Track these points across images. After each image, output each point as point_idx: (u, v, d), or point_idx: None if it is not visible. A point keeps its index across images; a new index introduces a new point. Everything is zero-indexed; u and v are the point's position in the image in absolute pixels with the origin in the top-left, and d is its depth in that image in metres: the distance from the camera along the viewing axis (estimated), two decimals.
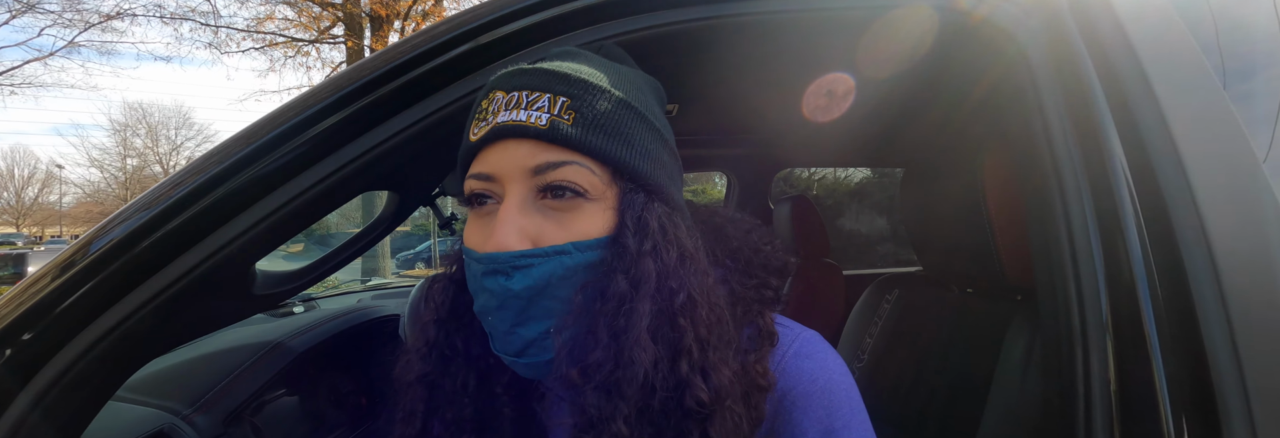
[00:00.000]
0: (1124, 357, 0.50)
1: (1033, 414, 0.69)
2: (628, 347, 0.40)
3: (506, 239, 0.40)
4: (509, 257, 0.40)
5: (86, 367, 0.51)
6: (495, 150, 0.42)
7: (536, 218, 0.42)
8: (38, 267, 2.86)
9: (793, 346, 0.48)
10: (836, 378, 0.47)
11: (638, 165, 0.43)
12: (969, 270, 0.91)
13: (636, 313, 0.40)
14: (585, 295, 0.41)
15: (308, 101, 0.55)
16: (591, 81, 0.43)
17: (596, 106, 0.42)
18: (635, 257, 0.41)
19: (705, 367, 0.41)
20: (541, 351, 0.42)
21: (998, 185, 0.79)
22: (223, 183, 0.52)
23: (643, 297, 0.41)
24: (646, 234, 0.42)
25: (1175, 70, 0.56)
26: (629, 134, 0.43)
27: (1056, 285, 0.55)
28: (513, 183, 0.42)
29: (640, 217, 0.43)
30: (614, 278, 0.41)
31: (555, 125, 0.40)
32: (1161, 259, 0.51)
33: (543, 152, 0.41)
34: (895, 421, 0.96)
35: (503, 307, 0.41)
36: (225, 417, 0.76)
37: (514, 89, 0.42)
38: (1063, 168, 0.56)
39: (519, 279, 0.40)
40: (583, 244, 0.42)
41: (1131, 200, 0.53)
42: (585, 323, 0.41)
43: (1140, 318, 0.50)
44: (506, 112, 0.41)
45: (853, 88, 1.13)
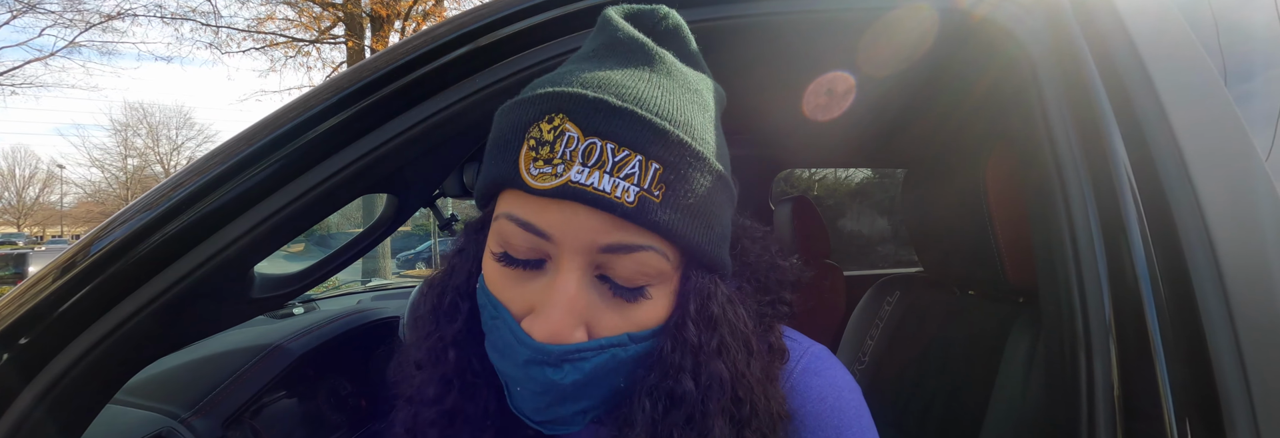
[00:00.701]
0: (1127, 360, 0.50)
1: (1035, 417, 0.69)
2: None
3: (563, 330, 0.35)
4: (562, 352, 0.36)
5: (86, 370, 0.51)
6: (559, 209, 0.35)
7: (593, 300, 0.37)
8: (39, 267, 2.86)
9: (801, 362, 0.46)
10: (846, 395, 0.45)
11: (713, 250, 0.38)
12: (970, 272, 0.91)
13: (713, 432, 0.37)
14: (652, 401, 0.37)
15: (307, 104, 0.54)
16: (690, 145, 0.35)
17: (691, 182, 0.35)
18: (703, 356, 0.38)
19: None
20: (569, 423, 0.39)
21: (999, 186, 0.79)
22: (221, 185, 0.52)
23: (717, 411, 0.38)
24: (713, 330, 0.39)
25: (1178, 69, 0.56)
26: (714, 213, 0.37)
27: (1059, 288, 0.54)
28: (575, 255, 0.35)
29: (706, 307, 0.39)
30: (682, 381, 0.37)
31: (644, 204, 0.34)
32: (1165, 261, 0.50)
33: (620, 231, 0.35)
34: (896, 423, 0.95)
35: (543, 393, 0.37)
36: (224, 420, 0.75)
37: (594, 134, 0.33)
38: (1065, 168, 0.55)
39: (569, 373, 0.36)
40: (639, 336, 0.38)
41: (1134, 201, 0.52)
42: (655, 434, 0.38)
43: (1144, 320, 0.50)
44: (583, 168, 0.33)
45: (853, 87, 1.12)
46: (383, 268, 7.39)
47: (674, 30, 0.42)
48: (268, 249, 0.54)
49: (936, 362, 0.94)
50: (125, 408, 0.73)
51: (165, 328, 0.53)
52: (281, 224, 0.53)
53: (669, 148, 0.34)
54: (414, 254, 10.87)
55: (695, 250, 0.37)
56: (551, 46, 0.58)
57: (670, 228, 0.35)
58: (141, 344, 0.53)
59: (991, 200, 0.79)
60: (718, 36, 0.62)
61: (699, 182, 0.36)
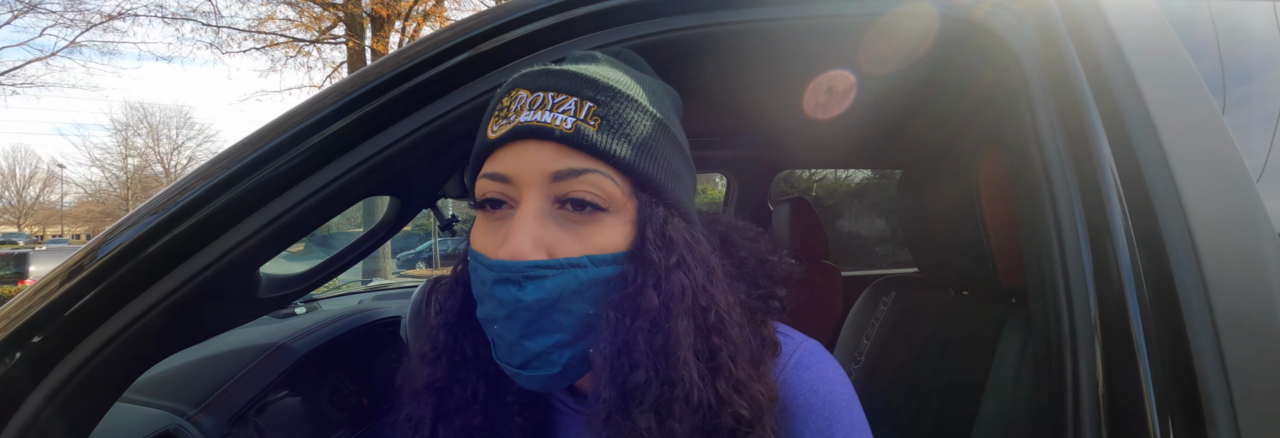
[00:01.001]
0: (1112, 359, 0.51)
1: (1025, 415, 0.70)
2: (677, 366, 0.39)
3: (521, 248, 0.39)
4: (522, 266, 0.39)
5: (95, 368, 0.52)
6: (514, 151, 0.41)
7: (552, 228, 0.41)
8: (39, 266, 2.92)
9: (794, 356, 0.48)
10: (837, 389, 0.47)
11: (660, 178, 0.42)
12: (964, 273, 0.92)
13: (678, 331, 0.39)
14: (617, 312, 0.40)
15: (313, 108, 0.56)
16: (619, 88, 0.41)
17: (623, 115, 0.41)
18: (664, 271, 0.40)
19: (740, 383, 0.41)
20: (547, 364, 0.41)
21: (992, 189, 0.80)
22: (228, 188, 0.53)
23: (679, 313, 0.40)
24: (672, 248, 0.41)
25: (1165, 76, 0.57)
26: (653, 145, 0.42)
27: (1047, 289, 0.55)
28: (530, 188, 0.40)
29: (662, 230, 0.42)
30: (645, 293, 0.40)
31: (580, 130, 0.39)
32: (1149, 263, 0.52)
33: (565, 157, 0.40)
34: (891, 421, 0.96)
35: (511, 317, 0.40)
36: (230, 418, 0.77)
37: (539, 89, 0.41)
38: (1053, 172, 0.57)
39: (531, 290, 0.39)
40: (599, 258, 0.41)
41: (1120, 205, 0.54)
42: (619, 340, 0.40)
43: (1128, 321, 0.51)
44: (530, 111, 0.40)
45: (850, 88, 1.13)
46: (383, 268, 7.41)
47: (619, 51, 0.51)
48: (274, 250, 0.55)
49: (931, 361, 0.95)
50: (133, 406, 0.74)
51: (174, 327, 0.54)
52: (288, 226, 0.54)
53: (599, 90, 0.41)
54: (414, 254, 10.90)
55: (641, 175, 0.41)
56: (551, 52, 0.59)
57: (607, 150, 0.40)
58: (151, 343, 0.54)
59: (984, 202, 0.80)
60: (718, 42, 0.63)
61: (634, 118, 0.41)
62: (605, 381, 0.40)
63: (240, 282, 0.57)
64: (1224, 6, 0.66)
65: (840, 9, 0.63)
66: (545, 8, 0.58)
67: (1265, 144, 0.61)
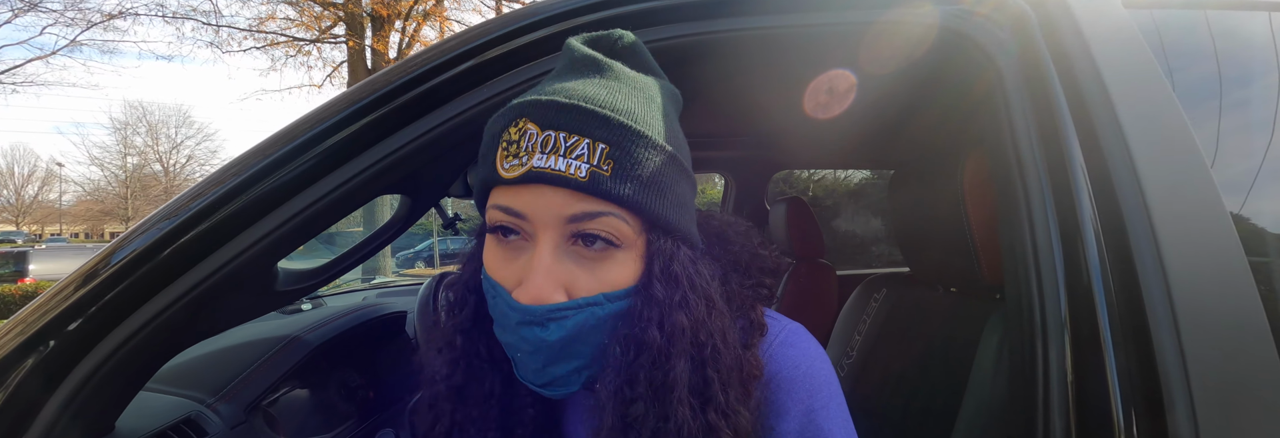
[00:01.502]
0: (1080, 352, 0.54)
1: (1003, 407, 0.73)
2: (671, 403, 0.43)
3: (543, 293, 0.41)
4: (545, 311, 0.42)
5: (123, 358, 0.55)
6: (529, 192, 0.41)
7: (568, 264, 0.43)
8: (39, 265, 2.95)
9: (779, 336, 0.52)
10: (817, 364, 0.51)
11: (670, 217, 0.44)
12: (952, 270, 0.95)
13: (675, 369, 0.43)
14: (623, 348, 0.43)
15: (327, 112, 0.59)
16: (630, 126, 0.41)
17: (634, 155, 0.41)
18: (666, 308, 0.43)
19: (727, 411, 0.45)
20: (567, 384, 0.45)
21: (976, 190, 0.83)
22: (250, 188, 0.56)
23: (679, 353, 0.43)
24: (676, 285, 0.44)
25: (1133, 82, 0.61)
26: (664, 184, 0.43)
27: (1021, 285, 0.59)
28: (546, 229, 0.42)
29: (669, 267, 0.44)
30: (649, 330, 0.43)
31: (595, 177, 0.40)
32: (1115, 260, 0.55)
33: (579, 202, 0.41)
34: (881, 414, 1.00)
35: (536, 352, 0.43)
36: (246, 406, 0.80)
37: (549, 127, 0.40)
38: (1028, 173, 0.60)
39: (554, 330, 0.42)
40: (613, 295, 0.44)
41: (1091, 206, 0.57)
42: (624, 372, 0.44)
43: (1095, 316, 0.54)
44: (542, 155, 0.40)
45: (845, 92, 1.17)
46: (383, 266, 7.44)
47: (629, 46, 0.49)
48: (292, 246, 0.58)
49: (919, 356, 0.98)
50: (156, 394, 0.78)
51: (197, 318, 0.57)
52: (305, 223, 0.58)
53: (611, 130, 0.41)
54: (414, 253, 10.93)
55: (652, 216, 0.43)
56: (553, 59, 0.62)
57: (621, 196, 0.41)
58: (175, 333, 0.57)
59: (969, 202, 0.84)
60: (716, 49, 0.66)
61: (645, 156, 0.42)
62: (609, 409, 0.44)
63: (260, 276, 0.60)
64: (1222, 11, 0.69)
65: (832, 18, 0.66)
66: (550, 16, 0.62)
67: (1263, 147, 0.64)
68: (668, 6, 0.63)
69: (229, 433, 0.74)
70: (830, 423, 0.50)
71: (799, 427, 0.49)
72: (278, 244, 0.58)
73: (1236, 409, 0.51)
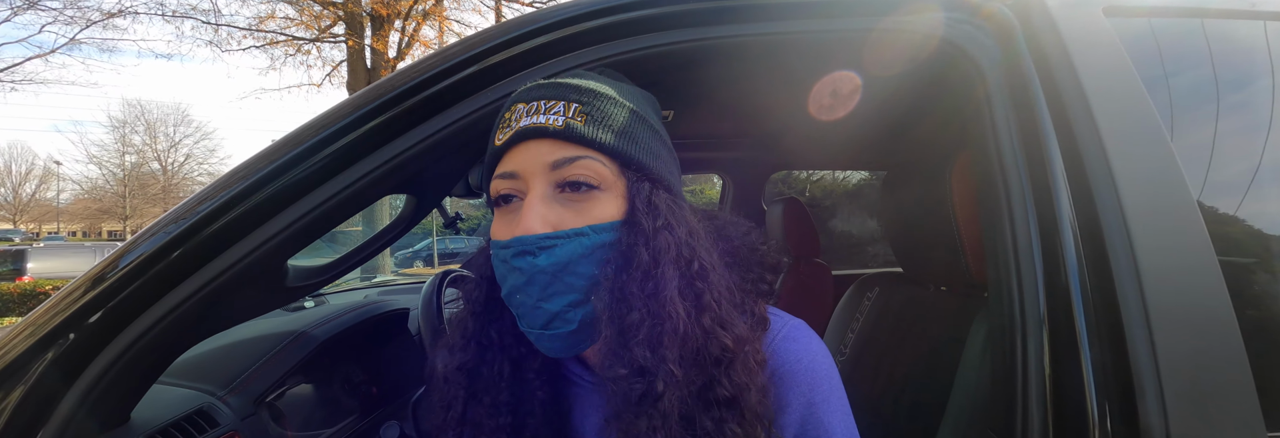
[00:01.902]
0: (1057, 346, 0.57)
1: (986, 399, 0.75)
2: (664, 304, 0.46)
3: (532, 224, 0.46)
4: (535, 239, 0.46)
5: (141, 349, 0.58)
6: (518, 151, 0.49)
7: (557, 208, 0.48)
8: (37, 263, 2.98)
9: (782, 330, 0.54)
10: (819, 358, 0.53)
11: (642, 159, 0.50)
12: (941, 269, 0.98)
13: (664, 277, 0.47)
14: (614, 266, 0.48)
15: (336, 115, 0.61)
16: (598, 91, 0.50)
17: (604, 110, 0.49)
18: (651, 232, 0.48)
19: (723, 319, 0.48)
20: (564, 323, 0.48)
21: (963, 191, 0.86)
22: (262, 188, 0.59)
23: (665, 263, 0.48)
24: (657, 214, 0.49)
25: (1112, 89, 0.63)
26: (633, 133, 0.50)
27: (1003, 283, 0.61)
28: (535, 178, 0.48)
29: (649, 200, 0.49)
30: (636, 250, 0.48)
31: (570, 125, 0.47)
32: (1092, 259, 0.58)
33: (560, 148, 0.47)
34: (873, 408, 1.02)
35: (530, 282, 0.47)
36: (256, 398, 0.82)
37: (533, 100, 0.49)
38: (1010, 174, 0.63)
39: (544, 257, 0.46)
40: (598, 227, 0.48)
41: (1069, 207, 0.60)
42: (617, 290, 0.47)
43: (1072, 312, 0.57)
44: (528, 117, 0.48)
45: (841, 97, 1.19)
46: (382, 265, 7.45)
47: (606, 71, 0.58)
48: (302, 244, 0.60)
49: (909, 352, 1.01)
50: (168, 387, 0.80)
51: (211, 313, 0.59)
52: (314, 222, 0.60)
53: (582, 93, 0.49)
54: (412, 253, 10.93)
55: (624, 157, 0.49)
56: (558, 63, 0.65)
57: (594, 138, 0.48)
58: (188, 328, 0.60)
59: (957, 203, 0.86)
60: (714, 54, 0.68)
61: (614, 112, 0.50)
62: (606, 322, 0.47)
63: (271, 272, 0.62)
64: (1217, 16, 0.71)
65: (828, 25, 0.68)
66: (553, 22, 0.64)
67: (1259, 148, 0.66)
68: (668, 13, 0.65)
69: (240, 424, 0.76)
70: (831, 416, 0.52)
71: (800, 419, 0.51)
72: (288, 242, 0.60)
73: (1204, 400, 0.53)
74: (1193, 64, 0.70)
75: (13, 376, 0.57)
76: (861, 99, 1.13)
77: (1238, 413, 0.54)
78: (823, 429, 0.51)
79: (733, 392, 0.47)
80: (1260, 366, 0.55)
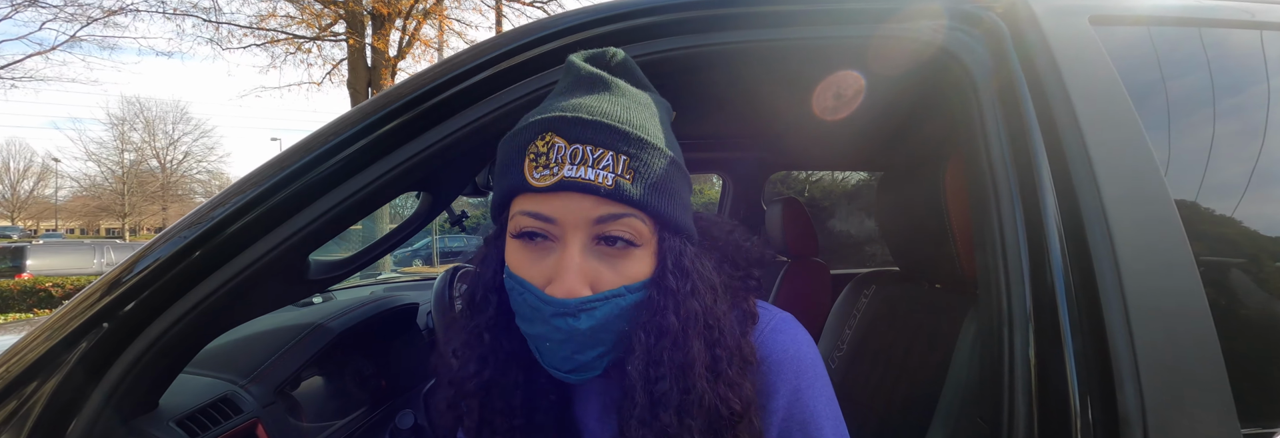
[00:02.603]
0: (1042, 340, 0.60)
1: (976, 393, 0.79)
2: (692, 379, 0.49)
3: (574, 286, 0.47)
4: (577, 303, 0.47)
5: (171, 339, 0.61)
6: (559, 199, 0.46)
7: (593, 261, 0.48)
8: (36, 260, 3.03)
9: (769, 323, 0.57)
10: (804, 349, 0.56)
11: (678, 217, 0.50)
12: (935, 267, 1.01)
13: (694, 350, 0.49)
14: (645, 333, 0.49)
15: (354, 118, 0.64)
16: (646, 140, 0.48)
17: (650, 164, 0.48)
18: (680, 297, 0.49)
19: (733, 384, 0.51)
20: (591, 370, 0.50)
21: (955, 191, 0.89)
22: (286, 186, 0.62)
23: (694, 335, 0.49)
24: (687, 277, 0.50)
25: (1097, 95, 0.66)
26: (672, 188, 0.49)
27: (992, 279, 0.64)
28: (574, 231, 0.47)
29: (679, 261, 0.50)
30: (666, 317, 0.49)
31: (619, 185, 0.46)
32: (1075, 257, 0.61)
33: (604, 206, 0.46)
34: (870, 402, 1.05)
35: (567, 341, 0.48)
36: (275, 387, 0.85)
37: (577, 141, 0.46)
38: (998, 175, 0.66)
39: (584, 320, 0.47)
40: (633, 287, 0.49)
41: (1054, 207, 0.62)
42: (649, 357, 0.49)
43: (1057, 307, 0.60)
44: (572, 166, 0.45)
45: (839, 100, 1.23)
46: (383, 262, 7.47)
47: (622, 63, 0.55)
48: (323, 239, 0.63)
49: (905, 349, 1.04)
50: (193, 376, 0.83)
51: (237, 304, 0.62)
52: (335, 218, 0.63)
53: (630, 143, 0.47)
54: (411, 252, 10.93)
55: (664, 217, 0.49)
56: (559, 71, 0.67)
57: (640, 200, 0.47)
58: (217, 318, 0.63)
59: (949, 203, 0.89)
60: (715, 60, 0.71)
61: (657, 165, 0.48)
62: (639, 390, 0.49)
63: (293, 266, 0.65)
64: (1212, 22, 0.74)
65: (825, 33, 0.71)
66: (557, 31, 0.67)
67: (1255, 152, 0.69)
68: (669, 21, 0.68)
69: (261, 412, 0.79)
70: (815, 402, 0.55)
71: (787, 404, 0.54)
72: (309, 238, 0.63)
73: (1180, 390, 0.57)
74: (1176, 71, 0.73)
75: (46, 367, 0.60)
76: (859, 103, 1.16)
77: (1211, 404, 0.57)
78: (808, 413, 0.54)
79: None
80: (1232, 358, 0.58)
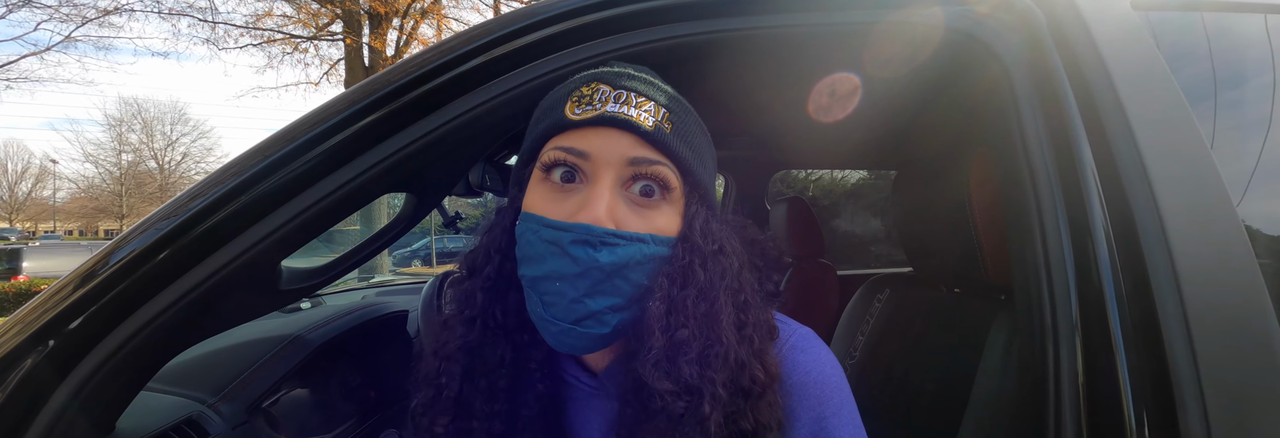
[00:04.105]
0: (1091, 353, 0.54)
1: (1010, 407, 0.73)
2: (717, 327, 0.46)
3: (600, 215, 0.44)
4: (603, 232, 0.44)
5: (127, 354, 0.55)
6: (597, 134, 0.45)
7: (622, 205, 0.46)
8: (33, 262, 2.95)
9: (790, 339, 0.52)
10: (828, 370, 0.51)
11: (706, 182, 0.49)
12: (956, 271, 0.95)
13: (719, 300, 0.46)
14: (670, 280, 0.46)
15: (332, 110, 0.58)
16: (685, 103, 0.49)
17: (688, 125, 0.48)
18: (709, 255, 0.47)
19: (760, 352, 0.47)
20: (599, 324, 0.45)
21: (982, 190, 0.83)
22: (253, 186, 0.56)
23: (722, 288, 0.47)
24: (713, 238, 0.48)
25: (1143, 83, 0.61)
26: (704, 154, 0.49)
27: (1031, 286, 0.59)
28: (608, 167, 0.45)
29: (707, 225, 0.49)
30: (694, 268, 0.46)
31: (660, 129, 0.46)
32: (1127, 262, 0.55)
33: (642, 147, 0.45)
34: (883, 415, 1.00)
35: (583, 275, 0.44)
36: (248, 406, 0.79)
37: (621, 88, 0.46)
38: (1038, 176, 0.60)
39: (606, 254, 0.44)
40: (660, 238, 0.46)
41: (1100, 207, 0.57)
42: (671, 303, 0.46)
43: (1106, 317, 0.54)
44: (615, 104, 0.45)
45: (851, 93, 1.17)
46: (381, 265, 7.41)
47: (645, 69, 0.55)
48: (295, 245, 0.58)
49: (923, 356, 0.98)
50: (157, 394, 0.77)
51: (201, 317, 0.56)
52: (309, 222, 0.57)
53: (671, 100, 0.48)
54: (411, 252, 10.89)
55: (695, 176, 0.47)
56: (563, 56, 0.62)
57: (676, 151, 0.46)
58: (177, 333, 0.57)
59: (975, 203, 0.84)
60: (720, 48, 0.65)
61: (694, 130, 0.48)
62: (658, 332, 0.45)
63: (263, 275, 0.59)
64: (1217, 13, 0.69)
65: (839, 18, 0.65)
66: (554, 15, 0.61)
67: (1258, 146, 0.64)
68: (672, 5, 0.62)
69: (231, 433, 0.73)
70: (841, 430, 0.50)
71: (810, 434, 0.49)
72: (281, 243, 0.57)
73: (1249, 409, 0.51)
74: (1228, 59, 0.67)
75: None
76: (873, 96, 1.10)
77: None
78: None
79: (753, 427, 0.46)
80: None
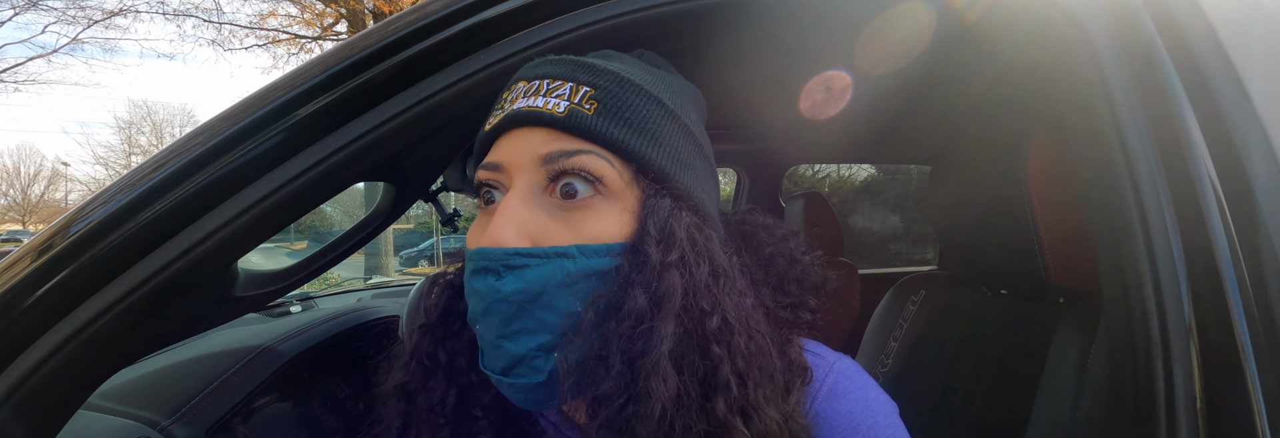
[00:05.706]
0: (1212, 369, 0.45)
1: (1091, 426, 0.63)
2: (643, 376, 0.33)
3: (501, 234, 0.35)
4: (501, 254, 0.35)
5: (52, 371, 0.46)
6: (508, 139, 0.39)
7: (541, 215, 0.37)
8: None
9: (826, 381, 0.41)
10: (882, 421, 0.40)
11: (663, 164, 0.38)
12: (1005, 271, 0.85)
13: (656, 335, 0.34)
14: (596, 311, 0.35)
15: (294, 81, 0.49)
16: (619, 74, 0.39)
17: (623, 98, 0.38)
18: (658, 269, 0.35)
19: (746, 407, 0.34)
20: (531, 371, 0.35)
21: (1043, 180, 0.73)
22: (200, 170, 0.47)
23: (665, 316, 0.34)
24: (672, 244, 0.36)
25: (1263, 53, 0.51)
26: (656, 131, 0.38)
27: (1128, 289, 0.49)
28: (519, 173, 0.38)
29: (665, 223, 0.37)
30: (631, 292, 0.35)
31: (573, 113, 0.37)
32: (1251, 257, 0.45)
33: (557, 140, 0.37)
34: (926, 428, 0.90)
35: (489, 311, 0.36)
36: (208, 428, 0.70)
37: (536, 78, 0.39)
38: (1136, 161, 0.50)
39: (510, 281, 0.35)
40: (590, 248, 0.36)
41: (1215, 194, 0.47)
42: (595, 345, 0.35)
43: (1230, 323, 0.44)
44: (525, 99, 0.38)
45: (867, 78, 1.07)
46: (385, 265, 7.37)
47: (645, 54, 0.48)
48: (251, 242, 0.49)
49: (968, 366, 0.88)
50: (100, 415, 0.68)
51: (140, 327, 0.47)
52: (266, 214, 0.48)
53: (598, 75, 0.38)
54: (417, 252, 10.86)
55: (641, 159, 0.38)
56: (549, 26, 0.52)
57: (602, 132, 0.37)
58: (114, 345, 0.48)
59: (1034, 195, 0.74)
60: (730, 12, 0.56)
61: (635, 102, 0.38)
62: (568, 387, 0.35)
63: (213, 278, 0.50)
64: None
65: None
66: None
67: None
68: None
69: None
70: None
71: None
72: (234, 239, 0.48)
73: None
74: None
75: None
76: (904, 79, 1.00)
77: None
78: None
79: None
80: None
